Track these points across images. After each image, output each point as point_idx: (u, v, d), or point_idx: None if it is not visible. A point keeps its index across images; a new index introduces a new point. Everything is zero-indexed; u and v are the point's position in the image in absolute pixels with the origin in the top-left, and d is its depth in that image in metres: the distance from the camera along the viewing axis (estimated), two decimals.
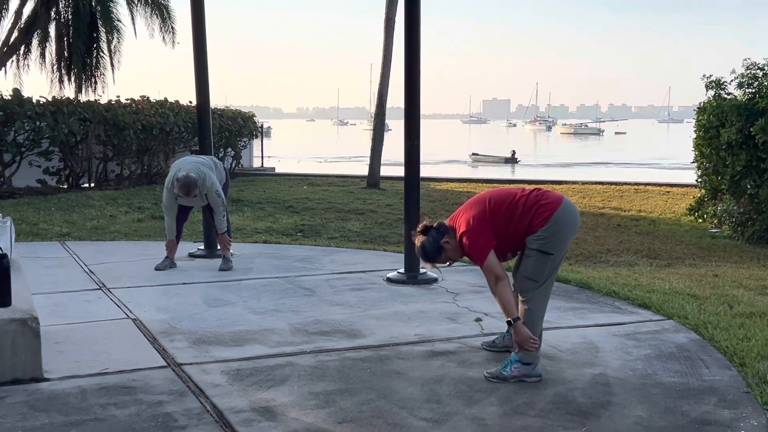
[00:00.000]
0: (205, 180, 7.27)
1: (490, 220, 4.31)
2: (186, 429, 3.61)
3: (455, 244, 4.40)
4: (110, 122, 15.96)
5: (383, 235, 11.11)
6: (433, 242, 4.41)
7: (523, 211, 4.31)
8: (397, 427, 3.65)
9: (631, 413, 3.83)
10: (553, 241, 4.27)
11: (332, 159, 45.05)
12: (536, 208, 4.30)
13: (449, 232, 4.42)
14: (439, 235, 4.41)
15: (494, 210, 4.34)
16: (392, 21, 18.06)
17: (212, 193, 7.33)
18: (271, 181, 19.56)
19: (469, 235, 4.32)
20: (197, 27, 8.41)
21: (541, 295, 4.35)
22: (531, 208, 4.31)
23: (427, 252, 4.44)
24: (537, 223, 4.27)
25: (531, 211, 4.30)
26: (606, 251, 10.21)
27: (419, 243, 4.45)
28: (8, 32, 19.82)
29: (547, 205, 4.30)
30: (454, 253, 4.45)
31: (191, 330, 5.28)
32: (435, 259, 4.47)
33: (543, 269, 4.31)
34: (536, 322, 4.35)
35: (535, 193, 4.39)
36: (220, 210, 7.40)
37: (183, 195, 7.16)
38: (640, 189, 18.09)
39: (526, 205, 4.32)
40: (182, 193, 7.14)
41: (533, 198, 4.35)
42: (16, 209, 12.16)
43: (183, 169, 7.20)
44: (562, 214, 4.29)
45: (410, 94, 6.90)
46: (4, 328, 4.12)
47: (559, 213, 4.28)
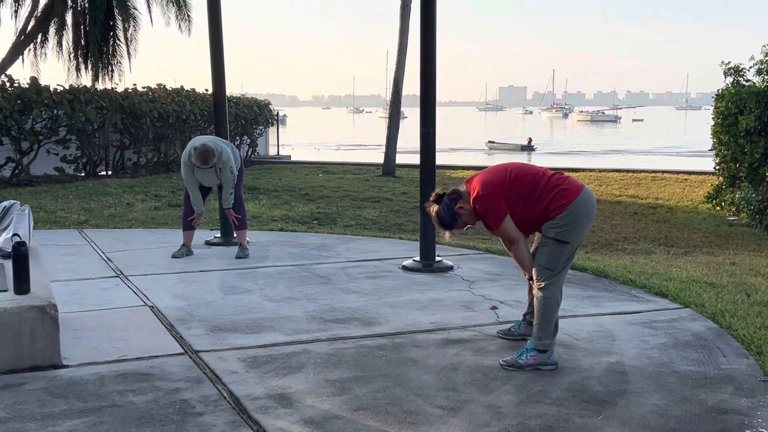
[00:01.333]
0: (222, 154, 7.30)
1: (507, 190, 4.27)
2: (203, 416, 3.64)
3: (470, 209, 4.37)
4: (127, 110, 16.03)
5: (399, 223, 11.11)
6: (447, 210, 4.38)
7: (542, 192, 4.27)
8: (413, 415, 3.66)
9: (647, 402, 3.82)
10: (570, 229, 4.24)
11: (348, 147, 45.03)
12: (556, 192, 4.26)
13: (463, 197, 4.38)
14: (453, 202, 4.38)
15: (513, 183, 4.29)
16: (408, 8, 18.00)
17: (227, 169, 7.35)
18: (286, 169, 19.59)
19: (482, 201, 4.29)
20: (213, 14, 8.42)
21: (557, 284, 4.34)
22: (551, 190, 4.27)
23: (442, 220, 4.41)
24: (554, 208, 4.24)
25: (550, 194, 4.26)
26: (623, 239, 10.17)
27: (434, 212, 4.42)
28: (25, 21, 19.89)
29: (567, 192, 4.26)
30: (469, 218, 4.42)
31: (208, 317, 5.30)
32: (451, 226, 4.43)
33: (559, 258, 4.29)
34: (552, 311, 4.34)
35: (557, 177, 4.35)
36: (229, 186, 7.44)
37: (200, 164, 7.13)
38: (657, 176, 18.00)
39: (547, 187, 4.28)
40: (200, 162, 7.12)
41: (554, 181, 4.30)
42: (34, 197, 12.25)
43: (200, 141, 7.25)
44: (581, 204, 4.26)
45: (426, 82, 6.88)
46: (24, 316, 4.16)
47: (578, 202, 4.25)
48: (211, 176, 7.43)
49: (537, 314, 4.34)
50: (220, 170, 7.34)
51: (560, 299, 4.39)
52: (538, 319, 4.32)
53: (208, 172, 7.36)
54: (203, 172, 7.35)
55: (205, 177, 7.44)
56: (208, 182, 7.55)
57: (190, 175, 7.41)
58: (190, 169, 7.35)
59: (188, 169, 7.37)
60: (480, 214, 4.35)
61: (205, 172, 7.36)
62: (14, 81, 14.56)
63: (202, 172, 7.34)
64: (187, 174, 7.43)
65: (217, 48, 8.43)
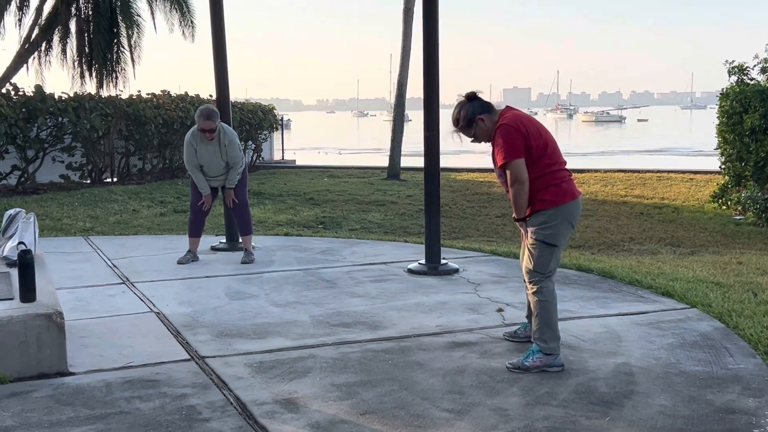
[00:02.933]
0: (227, 130, 7.35)
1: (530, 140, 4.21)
2: (210, 421, 3.64)
3: (488, 128, 4.32)
4: (131, 117, 16.07)
5: (404, 226, 11.11)
6: (472, 112, 4.33)
7: (548, 175, 4.24)
8: (419, 418, 3.65)
9: (654, 402, 3.81)
10: (557, 231, 4.25)
11: (352, 151, 45.06)
12: (557, 184, 4.25)
13: (491, 114, 4.33)
14: (479, 109, 4.33)
15: (539, 142, 4.24)
16: (411, 11, 18.02)
17: (234, 146, 7.36)
18: (291, 174, 19.61)
19: (506, 131, 4.21)
20: (216, 20, 8.43)
21: (549, 285, 4.34)
22: (554, 179, 4.25)
23: (460, 116, 4.36)
24: (545, 198, 4.23)
25: (552, 181, 4.24)
26: (629, 239, 10.16)
27: (459, 104, 4.37)
28: (29, 29, 19.94)
29: (566, 192, 4.26)
30: (482, 134, 4.37)
31: (214, 323, 5.31)
32: (464, 126, 4.37)
33: (549, 261, 4.31)
34: (551, 312, 4.32)
35: (566, 173, 4.33)
36: (238, 165, 7.44)
37: (204, 121, 7.13)
38: (662, 176, 17.97)
39: (554, 173, 4.26)
40: (203, 118, 7.14)
41: (562, 175, 4.29)
42: (40, 205, 12.28)
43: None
44: (572, 208, 4.29)
45: (429, 86, 6.88)
46: (30, 323, 4.17)
47: (571, 205, 4.28)
48: (215, 154, 7.32)
49: (536, 319, 4.33)
50: (225, 146, 7.31)
51: (556, 299, 4.38)
52: (538, 324, 4.31)
53: (212, 149, 7.29)
54: (207, 149, 7.29)
55: (209, 155, 7.33)
56: (212, 161, 7.37)
57: (192, 155, 7.36)
58: (194, 147, 7.32)
59: (191, 148, 7.34)
60: (496, 142, 4.26)
61: (209, 149, 7.29)
62: (19, 89, 14.60)
63: (205, 148, 7.29)
64: (189, 154, 7.38)
65: (221, 53, 8.45)
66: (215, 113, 7.22)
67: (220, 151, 7.34)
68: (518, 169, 4.19)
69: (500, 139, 4.23)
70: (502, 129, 4.24)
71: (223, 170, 7.48)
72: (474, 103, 4.36)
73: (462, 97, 4.41)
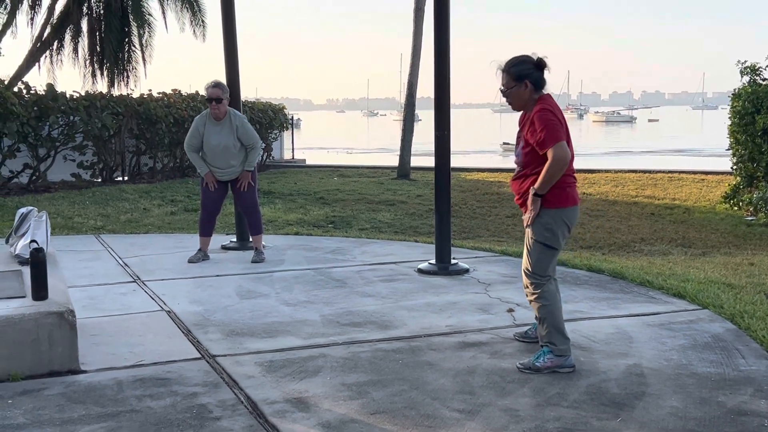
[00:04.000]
0: (237, 113, 7.42)
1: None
2: (220, 420, 3.65)
3: (523, 99, 4.26)
4: (142, 116, 16.12)
5: (414, 225, 11.11)
6: (528, 73, 4.23)
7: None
8: (430, 418, 3.65)
9: (665, 404, 3.80)
10: (557, 234, 4.24)
11: (362, 150, 45.07)
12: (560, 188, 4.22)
13: (537, 91, 4.25)
14: (535, 79, 4.24)
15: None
16: (422, 11, 18.02)
17: (247, 127, 7.38)
18: (301, 173, 19.63)
19: (550, 117, 4.14)
20: (227, 20, 8.45)
21: (549, 287, 4.32)
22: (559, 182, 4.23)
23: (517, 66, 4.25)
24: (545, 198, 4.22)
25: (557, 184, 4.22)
26: (640, 240, 10.13)
27: (525, 58, 4.27)
28: (41, 28, 20.07)
29: (567, 197, 4.25)
30: (515, 97, 4.28)
31: (225, 322, 5.32)
32: (511, 76, 4.25)
33: (548, 264, 4.30)
34: (555, 314, 4.30)
35: (572, 179, 4.31)
36: (256, 146, 7.45)
37: (212, 90, 7.20)
38: (674, 177, 17.91)
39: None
40: (211, 86, 7.24)
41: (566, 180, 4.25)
42: (52, 203, 12.33)
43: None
44: (570, 213, 4.28)
45: (440, 85, 6.87)
46: (42, 321, 4.18)
47: (571, 210, 4.28)
48: (226, 137, 7.31)
49: (542, 324, 4.32)
50: (238, 128, 7.33)
51: (558, 299, 4.35)
52: (546, 329, 4.30)
53: (223, 132, 7.29)
54: (216, 131, 7.30)
55: (219, 138, 7.30)
56: (221, 146, 7.30)
57: (195, 137, 7.36)
58: (200, 131, 7.33)
59: (196, 131, 7.36)
60: (535, 125, 4.16)
61: (219, 131, 7.29)
62: (31, 88, 14.68)
63: (215, 130, 7.30)
64: (192, 136, 7.39)
65: (232, 53, 8.46)
66: (223, 84, 7.34)
67: (233, 134, 7.33)
68: (563, 150, 4.11)
69: (542, 123, 4.14)
70: (545, 113, 4.17)
71: (233, 160, 7.39)
72: (535, 71, 4.26)
73: (533, 56, 4.29)
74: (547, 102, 4.25)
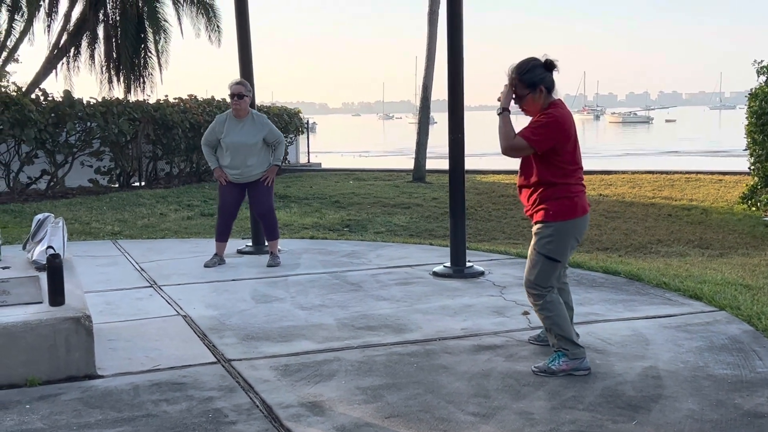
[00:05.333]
0: (258, 113, 7.51)
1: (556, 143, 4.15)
2: (236, 424, 3.66)
3: (537, 105, 4.22)
4: (159, 121, 16.20)
5: (429, 228, 11.10)
6: (541, 78, 4.19)
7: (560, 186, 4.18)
8: (445, 422, 3.65)
9: (682, 406, 3.78)
10: (561, 246, 4.20)
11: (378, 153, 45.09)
12: (565, 196, 4.18)
13: (549, 96, 4.23)
14: (548, 84, 4.20)
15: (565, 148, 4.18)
16: (435, 13, 18.01)
17: (269, 124, 7.47)
18: (317, 177, 19.67)
19: (553, 123, 4.12)
20: (241, 24, 8.49)
21: (552, 297, 4.27)
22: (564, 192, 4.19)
23: (529, 71, 4.21)
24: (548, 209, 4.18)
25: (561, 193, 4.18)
26: (657, 242, 10.08)
27: (535, 62, 4.24)
28: (58, 35, 20.20)
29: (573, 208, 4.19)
30: (529, 104, 4.24)
31: (240, 326, 5.34)
32: (524, 83, 4.21)
33: (550, 276, 4.25)
34: (561, 323, 4.26)
35: (581, 189, 4.26)
36: (282, 141, 7.54)
37: (235, 86, 7.31)
38: (691, 177, 17.79)
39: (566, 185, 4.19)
40: (234, 83, 7.36)
41: (575, 190, 4.21)
42: (70, 209, 12.42)
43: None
44: (577, 224, 4.22)
45: (453, 88, 6.86)
46: (58, 327, 4.22)
47: (576, 221, 4.21)
48: (248, 134, 7.34)
49: (550, 333, 4.29)
50: (261, 125, 7.40)
51: (564, 311, 4.30)
52: (554, 337, 4.27)
53: (245, 129, 7.34)
54: (238, 129, 7.34)
55: (240, 135, 7.33)
56: (242, 144, 7.31)
57: (212, 133, 7.44)
58: (217, 128, 7.41)
59: (212, 130, 7.45)
60: (537, 120, 4.16)
61: (240, 129, 7.34)
62: (48, 95, 14.80)
63: (236, 128, 7.34)
64: (210, 132, 7.47)
65: (246, 58, 8.50)
66: (246, 82, 7.45)
67: (255, 132, 7.36)
68: (519, 146, 4.16)
69: (541, 123, 4.14)
70: (551, 117, 4.14)
71: (251, 158, 7.37)
72: (548, 74, 4.23)
73: (541, 58, 4.25)
74: (559, 111, 4.19)
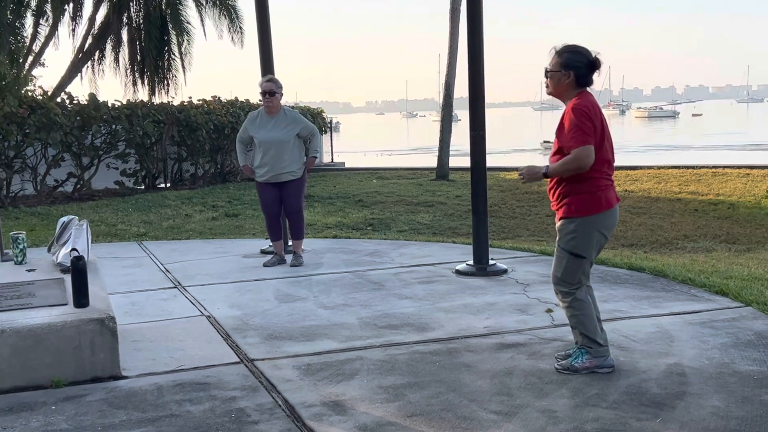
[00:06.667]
0: (289, 108, 7.58)
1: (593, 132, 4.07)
2: (258, 424, 3.67)
3: (563, 88, 4.14)
4: (183, 123, 16.31)
5: (453, 226, 11.08)
6: (577, 65, 4.10)
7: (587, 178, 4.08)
8: (467, 420, 3.64)
9: (707, 403, 3.74)
10: (586, 241, 4.12)
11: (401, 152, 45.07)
12: (591, 191, 4.10)
13: (579, 85, 4.13)
14: (583, 73, 4.11)
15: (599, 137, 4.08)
16: (457, 11, 17.96)
17: (301, 119, 7.51)
18: (341, 176, 19.70)
19: (582, 115, 4.01)
20: (262, 25, 8.51)
21: (580, 294, 4.21)
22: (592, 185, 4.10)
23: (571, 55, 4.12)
24: (574, 204, 4.11)
25: (587, 187, 4.10)
26: (683, 237, 9.99)
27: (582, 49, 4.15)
28: (83, 39, 20.41)
29: (599, 202, 4.10)
30: (557, 83, 4.15)
31: (263, 326, 5.36)
32: (562, 62, 4.11)
33: (576, 272, 4.18)
34: (586, 321, 4.20)
35: (608, 183, 4.18)
36: (315, 133, 7.60)
37: (265, 83, 7.39)
38: (717, 172, 17.61)
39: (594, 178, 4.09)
40: (264, 80, 7.45)
41: (601, 184, 4.14)
42: (96, 211, 12.54)
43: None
44: (604, 219, 4.13)
45: (474, 85, 6.85)
46: (83, 328, 4.25)
47: (602, 216, 4.12)
48: (281, 130, 7.35)
49: (574, 330, 4.26)
50: (293, 121, 7.42)
51: (591, 310, 4.24)
52: (579, 335, 4.24)
53: (277, 125, 7.36)
54: (269, 125, 7.37)
55: (273, 132, 7.36)
56: (272, 135, 7.33)
57: (244, 129, 7.54)
58: (251, 122, 7.48)
59: (244, 130, 7.52)
60: (568, 121, 4.07)
61: (272, 125, 7.37)
62: (73, 98, 14.95)
63: (268, 124, 7.38)
64: (243, 129, 7.56)
65: (268, 58, 8.52)
66: (277, 79, 7.51)
67: (288, 128, 7.38)
68: (586, 153, 3.99)
69: (571, 126, 4.04)
70: (578, 114, 4.05)
71: (285, 155, 7.35)
72: (584, 67, 4.12)
73: (592, 53, 4.16)
74: (585, 100, 4.10)
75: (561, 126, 4.15)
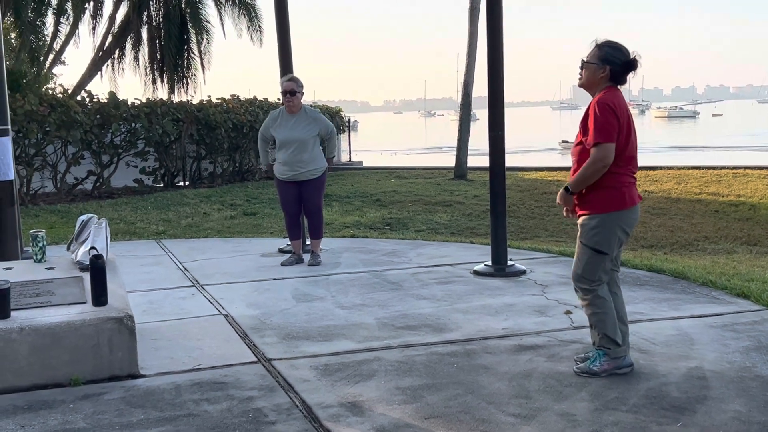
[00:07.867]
0: (310, 107, 7.60)
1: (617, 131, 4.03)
2: (275, 424, 3.67)
3: (594, 81, 4.12)
4: (202, 122, 16.36)
5: (471, 227, 11.04)
6: (614, 61, 4.07)
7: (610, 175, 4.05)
8: (485, 423, 3.61)
9: (728, 408, 3.70)
10: (607, 237, 4.08)
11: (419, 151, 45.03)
12: (614, 188, 4.06)
13: (610, 81, 4.10)
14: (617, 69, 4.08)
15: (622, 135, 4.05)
16: (477, 10, 17.91)
17: (321, 118, 7.53)
18: (358, 175, 19.68)
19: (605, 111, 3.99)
20: (281, 23, 8.52)
21: (601, 293, 4.17)
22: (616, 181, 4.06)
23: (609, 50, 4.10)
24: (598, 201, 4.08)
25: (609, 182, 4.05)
26: (703, 239, 9.90)
27: (620, 45, 4.14)
28: (103, 37, 20.55)
29: (621, 199, 4.07)
30: (589, 75, 4.13)
31: (281, 325, 5.35)
32: (599, 56, 4.09)
33: (597, 269, 4.14)
34: (606, 321, 4.16)
35: (631, 179, 4.15)
36: (333, 133, 7.63)
37: (285, 82, 7.41)
38: (738, 173, 17.45)
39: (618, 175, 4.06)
40: (285, 79, 7.48)
41: (624, 181, 4.09)
42: (115, 209, 12.59)
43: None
44: (625, 216, 4.10)
45: (493, 85, 6.81)
46: (101, 327, 4.27)
47: (624, 213, 4.09)
48: (301, 130, 7.36)
49: (594, 329, 4.21)
50: (313, 120, 7.43)
51: (612, 309, 4.20)
52: (598, 334, 4.19)
53: (297, 124, 7.37)
54: (290, 124, 7.38)
55: (293, 131, 7.36)
56: (293, 134, 7.34)
57: (266, 127, 7.55)
58: (271, 124, 7.49)
59: (265, 128, 7.56)
60: (590, 116, 4.05)
61: (293, 124, 7.37)
62: (93, 96, 15.03)
63: (288, 123, 7.39)
64: (265, 126, 7.58)
65: (287, 57, 8.52)
66: (298, 78, 7.52)
67: (309, 127, 7.38)
68: (606, 151, 3.98)
69: (595, 120, 4.01)
70: (602, 106, 4.02)
71: (305, 154, 7.34)
72: (621, 64, 4.10)
73: (632, 54, 4.13)
74: (612, 95, 4.07)
75: (585, 117, 4.13)
